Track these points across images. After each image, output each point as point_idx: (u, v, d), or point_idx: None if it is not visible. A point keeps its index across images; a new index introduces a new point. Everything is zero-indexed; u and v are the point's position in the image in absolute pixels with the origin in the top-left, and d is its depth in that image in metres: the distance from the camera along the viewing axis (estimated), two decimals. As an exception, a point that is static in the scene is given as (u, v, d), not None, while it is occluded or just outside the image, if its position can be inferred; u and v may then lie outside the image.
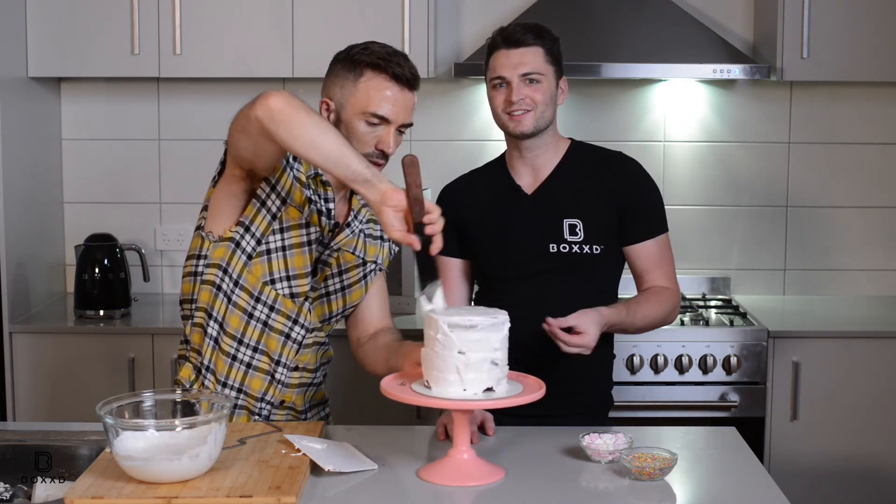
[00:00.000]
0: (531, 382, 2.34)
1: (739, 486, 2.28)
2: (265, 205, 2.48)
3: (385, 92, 2.45)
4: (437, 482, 2.24)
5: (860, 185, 4.20)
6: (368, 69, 2.46)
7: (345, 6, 3.83)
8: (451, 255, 2.82)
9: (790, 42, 3.82)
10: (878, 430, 3.71)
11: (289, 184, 2.49)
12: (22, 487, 2.40)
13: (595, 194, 2.73)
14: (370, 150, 2.46)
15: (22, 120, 3.86)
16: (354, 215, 2.62)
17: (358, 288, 2.64)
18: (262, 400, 2.57)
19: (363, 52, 2.48)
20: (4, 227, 3.71)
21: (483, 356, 2.20)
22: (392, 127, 2.46)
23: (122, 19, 3.83)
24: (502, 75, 2.67)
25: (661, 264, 2.75)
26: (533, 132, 2.69)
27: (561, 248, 2.70)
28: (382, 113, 2.45)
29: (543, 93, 2.67)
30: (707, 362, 3.63)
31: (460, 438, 2.28)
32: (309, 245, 2.52)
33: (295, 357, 2.57)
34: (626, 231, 2.73)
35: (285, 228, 2.50)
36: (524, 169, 2.77)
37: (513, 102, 2.65)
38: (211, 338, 2.53)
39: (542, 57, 2.67)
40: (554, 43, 2.71)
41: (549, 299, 2.70)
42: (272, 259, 2.50)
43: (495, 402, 2.23)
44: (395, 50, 2.50)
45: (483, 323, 2.20)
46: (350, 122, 2.47)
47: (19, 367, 3.74)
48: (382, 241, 2.69)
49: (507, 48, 2.67)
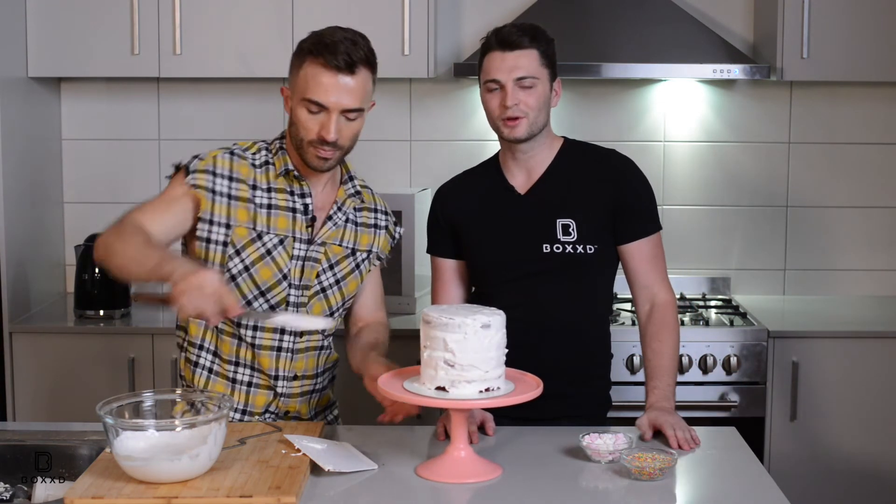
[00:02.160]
0: (528, 380, 2.34)
1: (739, 486, 2.28)
2: (210, 240, 2.52)
3: (320, 79, 2.43)
4: (435, 479, 2.25)
5: (860, 185, 4.20)
6: (307, 56, 2.46)
7: (345, 6, 3.83)
8: (446, 256, 2.82)
9: (790, 42, 3.82)
10: (878, 430, 3.71)
11: (226, 209, 2.51)
12: (22, 487, 2.40)
13: (588, 193, 2.72)
14: (313, 138, 2.46)
15: (22, 120, 3.86)
16: (338, 207, 2.61)
17: (353, 279, 2.63)
18: (266, 412, 2.58)
19: (310, 38, 2.49)
20: (4, 227, 3.71)
21: (481, 356, 2.20)
22: (332, 114, 2.44)
23: (122, 19, 3.83)
24: (496, 78, 2.64)
25: (654, 264, 2.74)
26: (527, 138, 2.68)
27: (554, 248, 2.70)
28: (318, 100, 2.43)
29: (538, 97, 2.65)
30: (707, 362, 3.63)
31: (458, 436, 2.29)
32: (269, 254, 2.52)
33: (291, 366, 2.57)
34: (620, 229, 2.72)
35: (240, 250, 2.51)
36: (517, 169, 2.76)
37: (507, 107, 2.63)
38: (204, 368, 2.58)
39: (536, 60, 2.65)
40: (549, 45, 2.69)
41: (543, 300, 2.70)
42: (239, 283, 2.52)
43: (493, 402, 2.24)
44: (345, 36, 2.47)
45: (481, 323, 2.20)
46: (294, 110, 2.48)
47: (19, 367, 3.74)
48: (377, 229, 2.67)
49: (501, 50, 2.65)
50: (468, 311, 2.26)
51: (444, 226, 2.81)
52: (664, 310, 2.71)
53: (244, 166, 2.54)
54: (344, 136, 2.47)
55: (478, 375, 2.21)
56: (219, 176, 2.51)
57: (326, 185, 2.60)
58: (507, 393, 2.26)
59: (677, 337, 2.71)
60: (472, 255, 2.79)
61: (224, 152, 2.55)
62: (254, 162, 2.56)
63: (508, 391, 2.26)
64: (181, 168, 2.54)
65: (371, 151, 4.17)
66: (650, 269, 2.73)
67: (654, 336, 2.69)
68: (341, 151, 2.50)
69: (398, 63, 3.83)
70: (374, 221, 2.68)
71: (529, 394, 2.26)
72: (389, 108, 4.18)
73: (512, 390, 2.27)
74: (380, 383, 2.33)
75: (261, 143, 2.61)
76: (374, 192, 2.75)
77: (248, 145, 2.59)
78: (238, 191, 2.52)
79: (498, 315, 2.25)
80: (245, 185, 2.52)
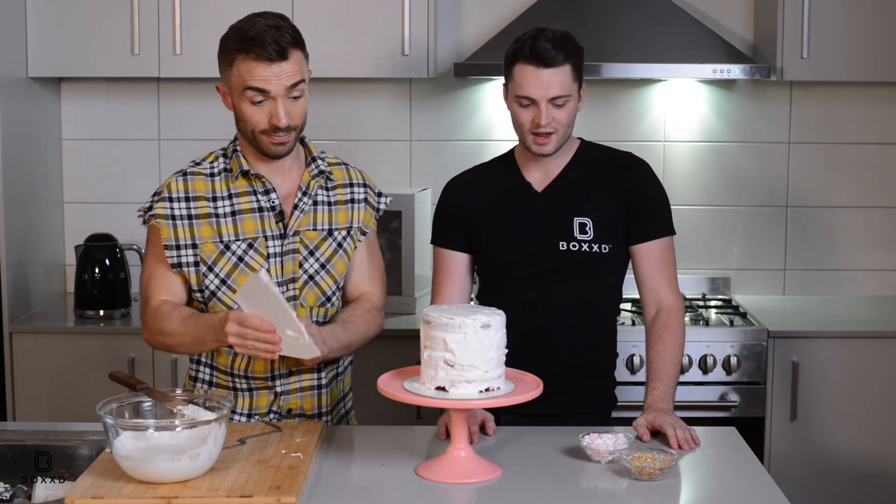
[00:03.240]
0: (528, 380, 2.34)
1: (739, 486, 2.29)
2: (182, 264, 2.53)
3: (255, 72, 2.42)
4: (435, 479, 2.25)
5: (860, 186, 4.20)
6: (236, 54, 2.44)
7: (345, 6, 3.83)
8: (456, 248, 2.80)
9: (790, 42, 3.82)
10: (878, 430, 3.71)
11: (188, 230, 2.52)
12: (22, 487, 2.40)
13: (604, 193, 2.73)
14: (265, 128, 2.45)
15: (22, 120, 3.86)
16: (303, 192, 2.57)
17: (338, 259, 2.60)
18: (270, 412, 2.58)
19: (232, 35, 2.47)
20: (4, 227, 3.71)
21: (481, 356, 2.21)
22: (278, 99, 2.43)
23: (122, 19, 3.83)
24: (531, 96, 2.61)
25: (664, 267, 2.74)
26: (554, 152, 2.68)
27: (571, 246, 2.70)
28: (260, 91, 2.42)
29: (569, 113, 2.64)
30: (707, 362, 3.63)
31: (458, 436, 2.29)
32: (241, 261, 2.52)
33: (283, 364, 2.56)
34: (633, 230, 2.73)
35: (212, 266, 2.51)
36: (535, 168, 2.76)
37: (540, 125, 2.62)
38: (203, 381, 2.59)
39: (570, 76, 2.62)
40: (580, 56, 2.67)
41: (554, 297, 2.70)
42: (221, 297, 2.52)
43: (493, 402, 2.24)
44: (266, 24, 2.44)
45: (481, 323, 2.21)
46: (239, 107, 2.47)
47: (19, 367, 3.74)
48: (354, 203, 2.63)
49: (536, 66, 2.60)
50: (468, 311, 2.26)
51: (455, 218, 2.79)
52: (669, 313, 2.71)
53: (199, 182, 2.54)
54: (294, 116, 2.46)
55: (478, 375, 2.21)
56: (175, 200, 2.53)
57: (291, 171, 2.58)
58: (507, 393, 2.26)
59: (681, 341, 2.70)
60: (485, 250, 2.78)
61: (177, 176, 2.56)
62: (211, 172, 2.55)
63: (508, 391, 2.26)
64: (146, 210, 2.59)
65: (371, 151, 4.17)
66: (659, 271, 2.73)
67: (657, 338, 2.69)
68: (296, 132, 2.49)
69: (398, 63, 3.83)
70: (349, 196, 2.63)
71: (529, 394, 2.26)
72: (389, 108, 4.18)
73: (512, 390, 2.27)
74: (380, 383, 2.32)
75: (218, 150, 2.60)
76: (352, 167, 2.69)
77: (205, 156, 2.59)
78: (197, 209, 2.52)
79: (498, 315, 2.25)
80: (204, 200, 2.53)
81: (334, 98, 4.15)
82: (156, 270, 2.55)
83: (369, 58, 3.85)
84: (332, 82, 4.07)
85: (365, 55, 3.85)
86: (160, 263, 2.54)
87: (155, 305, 2.52)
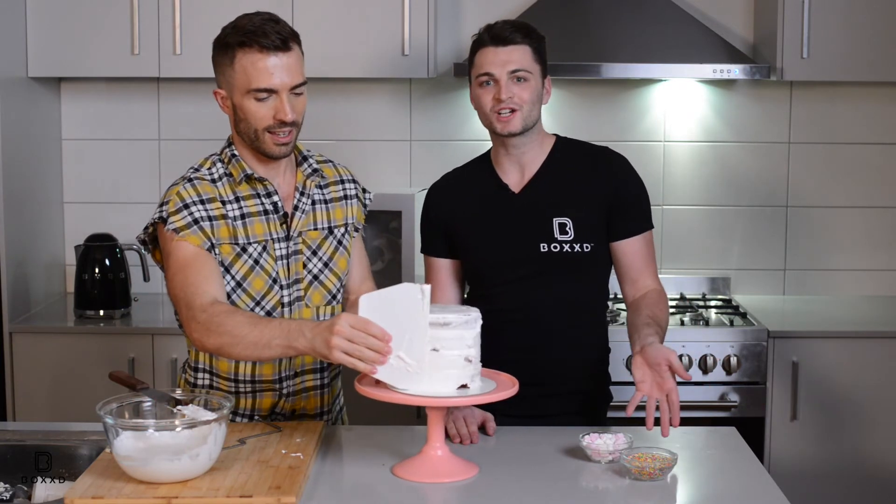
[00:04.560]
0: (504, 379, 2.34)
1: (739, 486, 2.28)
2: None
3: (259, 65, 2.41)
4: (410, 479, 2.24)
5: (860, 185, 4.20)
6: (238, 49, 2.43)
7: (345, 6, 3.83)
8: (440, 255, 2.80)
9: (790, 42, 3.82)
10: (878, 430, 3.71)
11: (210, 232, 2.46)
12: (22, 487, 2.40)
13: (583, 191, 2.71)
14: (269, 125, 2.44)
15: (22, 120, 3.86)
16: (300, 192, 2.57)
17: (340, 256, 2.60)
18: (273, 413, 2.57)
19: (230, 32, 2.46)
20: (4, 227, 3.71)
21: (457, 353, 2.21)
22: (283, 94, 2.43)
23: (121, 19, 3.83)
24: (490, 72, 2.64)
25: (647, 262, 2.73)
26: (521, 131, 2.68)
27: (552, 247, 2.69)
28: (265, 86, 2.42)
29: (531, 91, 2.65)
30: (707, 362, 3.63)
31: (433, 435, 2.28)
32: (257, 264, 2.50)
33: (291, 365, 2.56)
34: (614, 227, 2.72)
35: (228, 267, 2.49)
36: (511, 167, 2.75)
37: (501, 100, 2.63)
38: (203, 388, 2.57)
39: (529, 55, 2.66)
40: (540, 42, 2.70)
41: (541, 299, 2.69)
42: (234, 299, 2.49)
43: (469, 399, 2.24)
44: (262, 19, 2.44)
45: (456, 320, 2.21)
46: (241, 105, 2.45)
47: (19, 367, 3.74)
48: (347, 199, 2.64)
49: (494, 45, 2.65)
50: (441, 309, 2.25)
51: (437, 225, 2.80)
52: (655, 292, 2.70)
53: (206, 185, 2.51)
54: (298, 112, 2.46)
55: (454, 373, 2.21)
56: (191, 205, 2.46)
57: (286, 174, 2.57)
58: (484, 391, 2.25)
59: (667, 315, 2.67)
60: (468, 255, 2.78)
61: (184, 183, 2.50)
62: (212, 177, 2.52)
63: (485, 389, 2.26)
64: (154, 225, 2.49)
65: (371, 151, 4.17)
66: (643, 266, 2.73)
67: (645, 306, 2.65)
68: (297, 130, 2.49)
69: (398, 63, 3.83)
70: (342, 193, 2.64)
71: (506, 392, 2.26)
72: (389, 108, 4.18)
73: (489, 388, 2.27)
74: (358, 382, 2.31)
75: (213, 156, 2.57)
76: (337, 163, 2.69)
77: (201, 162, 2.56)
78: (214, 210, 2.48)
79: (474, 311, 2.25)
80: (216, 202, 2.50)
81: (334, 98, 4.15)
82: (191, 272, 2.42)
83: (369, 58, 3.85)
84: (332, 82, 4.07)
85: (365, 55, 3.85)
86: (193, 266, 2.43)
87: (204, 304, 2.36)
